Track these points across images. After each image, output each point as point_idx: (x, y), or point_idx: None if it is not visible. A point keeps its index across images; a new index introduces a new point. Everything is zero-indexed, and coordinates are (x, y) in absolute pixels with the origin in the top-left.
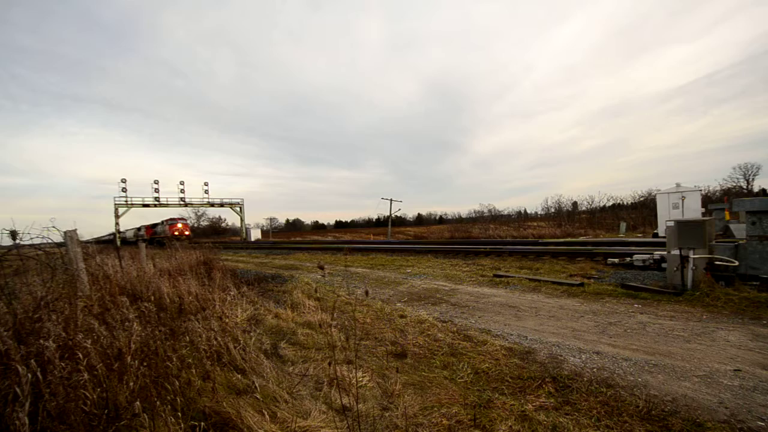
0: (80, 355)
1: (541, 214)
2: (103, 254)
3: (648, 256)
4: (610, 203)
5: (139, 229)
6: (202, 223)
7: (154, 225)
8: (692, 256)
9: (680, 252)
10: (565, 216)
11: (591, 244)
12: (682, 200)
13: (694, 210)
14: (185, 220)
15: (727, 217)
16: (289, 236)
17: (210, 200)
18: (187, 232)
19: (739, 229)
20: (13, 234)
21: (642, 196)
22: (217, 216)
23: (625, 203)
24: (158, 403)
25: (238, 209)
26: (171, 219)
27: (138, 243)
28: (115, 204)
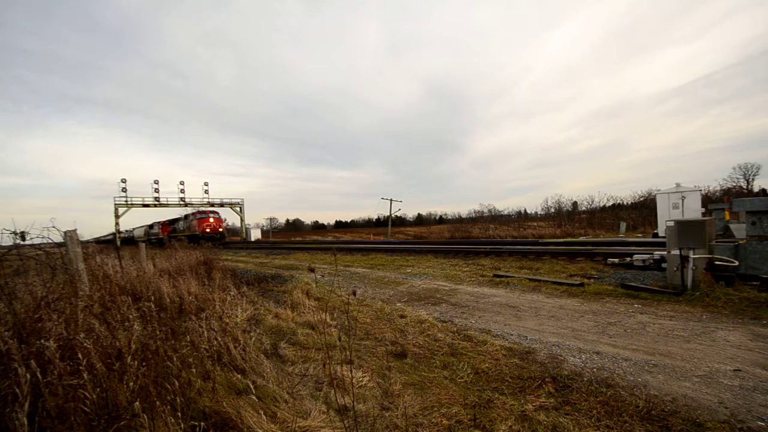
0: (80, 355)
1: (541, 214)
2: (103, 254)
3: (648, 256)
4: (610, 203)
5: (151, 226)
6: None
7: (173, 221)
8: (692, 256)
9: (680, 252)
10: (565, 216)
11: (591, 244)
12: (682, 200)
13: (694, 210)
14: (217, 213)
15: (727, 217)
16: (289, 236)
17: (210, 200)
18: (221, 229)
19: (739, 229)
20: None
21: (642, 196)
22: None
23: (625, 203)
24: (158, 403)
25: (238, 209)
26: (200, 212)
27: (138, 243)
28: (115, 204)
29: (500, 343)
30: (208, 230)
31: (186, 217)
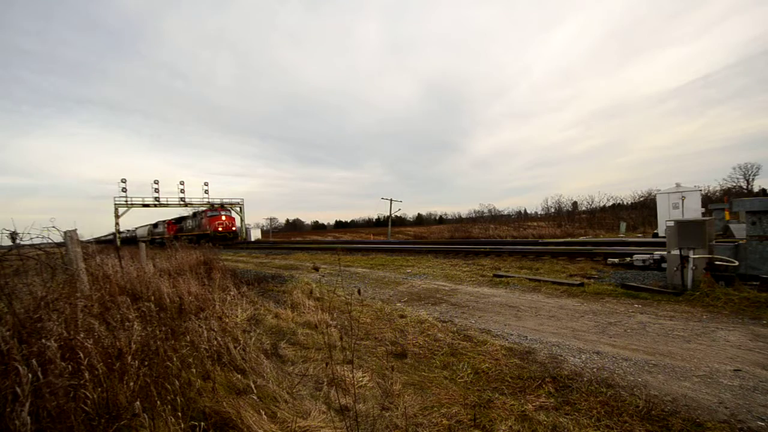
0: (81, 355)
1: (541, 214)
2: (103, 254)
3: (648, 256)
4: (610, 203)
5: (155, 225)
6: None
7: (180, 219)
8: (692, 256)
9: (680, 252)
10: (565, 216)
11: (591, 244)
12: (682, 200)
13: (694, 210)
14: (229, 211)
15: (727, 217)
16: (289, 236)
17: (210, 200)
18: (234, 228)
19: (739, 229)
20: (13, 236)
21: (642, 196)
22: None
23: (625, 203)
24: (158, 403)
25: (238, 209)
26: (211, 210)
27: (138, 243)
28: (115, 204)
29: (500, 343)
30: (220, 229)
31: (195, 215)
